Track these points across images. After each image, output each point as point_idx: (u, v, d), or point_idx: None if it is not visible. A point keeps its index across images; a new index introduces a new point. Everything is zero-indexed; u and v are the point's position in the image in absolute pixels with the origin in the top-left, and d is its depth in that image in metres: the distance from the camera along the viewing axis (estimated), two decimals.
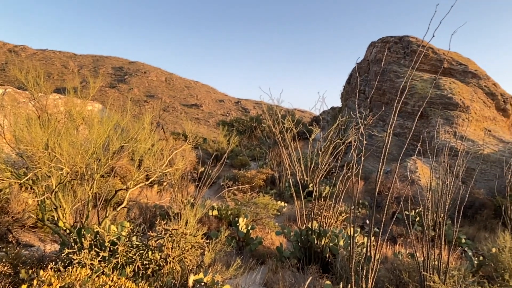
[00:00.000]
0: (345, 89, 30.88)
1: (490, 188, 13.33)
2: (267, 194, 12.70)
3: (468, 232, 10.77)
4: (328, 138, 15.56)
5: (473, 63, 27.74)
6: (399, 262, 5.84)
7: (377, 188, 4.80)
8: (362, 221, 10.92)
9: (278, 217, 11.34)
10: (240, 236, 7.85)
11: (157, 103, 67.38)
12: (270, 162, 17.01)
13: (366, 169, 17.66)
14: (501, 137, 19.90)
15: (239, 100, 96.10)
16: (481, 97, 23.72)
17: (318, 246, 6.59)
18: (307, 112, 72.52)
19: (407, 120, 21.58)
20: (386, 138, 5.02)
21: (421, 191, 12.70)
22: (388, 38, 28.21)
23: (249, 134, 28.24)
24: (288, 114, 18.65)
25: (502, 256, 5.68)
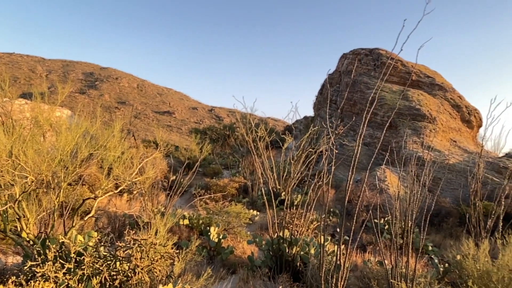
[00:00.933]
0: (318, 99, 31.35)
1: (456, 196, 13.80)
2: (240, 202, 12.66)
3: (434, 239, 11.06)
4: (300, 147, 15.73)
5: (440, 76, 28.79)
6: (368, 270, 5.93)
7: (346, 197, 4.87)
8: (333, 229, 11.04)
9: (250, 226, 11.31)
10: (212, 245, 7.77)
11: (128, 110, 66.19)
12: (243, 170, 16.99)
13: (337, 178, 17.92)
14: (465, 148, 20.68)
15: (213, 108, 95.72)
16: (447, 108, 24.62)
17: (289, 254, 6.61)
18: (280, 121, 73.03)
19: (377, 130, 22.10)
20: (356, 147, 5.11)
21: (390, 200, 13.00)
22: (359, 50, 28.94)
23: (222, 142, 28.16)
24: (261, 122, 18.78)
25: (466, 263, 5.86)
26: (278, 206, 12.89)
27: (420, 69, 27.63)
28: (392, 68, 26.04)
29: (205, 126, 35.97)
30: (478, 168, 11.21)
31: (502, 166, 15.84)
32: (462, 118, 25.16)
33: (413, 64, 27.36)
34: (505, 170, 14.99)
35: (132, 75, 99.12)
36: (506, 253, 5.49)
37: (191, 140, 22.77)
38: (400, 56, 27.29)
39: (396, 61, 26.34)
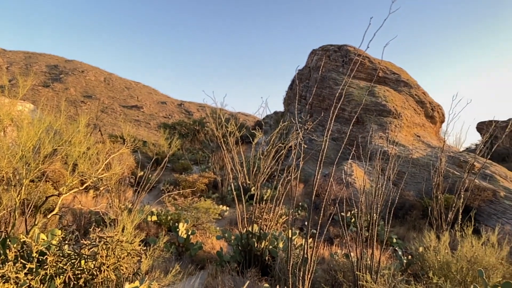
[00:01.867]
0: (288, 94, 31.59)
1: (419, 190, 14.27)
2: (209, 198, 12.62)
3: (399, 232, 11.42)
4: (270, 142, 15.82)
5: (405, 73, 29.63)
6: (335, 263, 6.06)
7: (314, 191, 4.95)
8: (301, 223, 11.19)
9: (219, 221, 11.30)
10: (180, 241, 7.71)
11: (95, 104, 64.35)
12: (213, 166, 16.93)
13: (306, 172, 18.16)
14: (429, 142, 21.42)
15: (182, 103, 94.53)
16: (412, 104, 25.39)
17: (258, 249, 6.65)
18: (251, 116, 73.08)
19: (345, 125, 22.52)
20: (323, 142, 5.19)
21: (357, 193, 13.31)
22: (328, 46, 29.32)
23: (192, 137, 27.91)
24: (231, 117, 18.70)
25: (427, 255, 6.09)
26: (248, 201, 12.94)
27: (387, 66, 28.33)
28: (360, 65, 26.57)
29: (174, 121, 35.53)
30: (440, 162, 11.65)
31: (462, 160, 16.52)
32: (426, 114, 26.04)
33: (379, 61, 28.00)
34: (465, 164, 15.64)
35: (99, 68, 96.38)
36: (464, 244, 5.74)
37: (160, 135, 22.43)
38: (368, 53, 27.86)
39: (364, 58, 26.88)
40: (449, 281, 4.91)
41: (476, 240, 5.91)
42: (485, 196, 12.74)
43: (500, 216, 12.02)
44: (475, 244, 5.67)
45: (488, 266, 5.36)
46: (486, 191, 12.96)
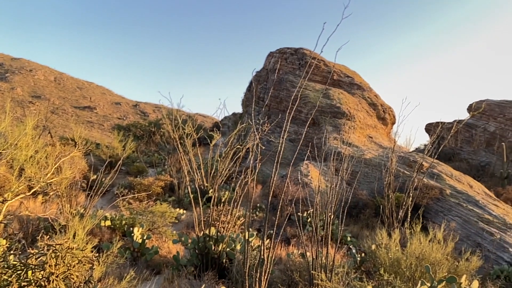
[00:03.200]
0: (246, 96, 31.70)
1: (372, 189, 14.80)
2: (165, 201, 12.39)
3: (353, 230, 11.77)
4: (228, 144, 15.79)
5: (359, 76, 30.64)
6: (291, 263, 6.15)
7: (271, 192, 5.00)
8: (259, 224, 11.26)
9: (176, 225, 11.14)
10: (135, 246, 7.52)
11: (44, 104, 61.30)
12: (169, 168, 16.64)
13: (264, 174, 18.29)
14: (380, 143, 22.27)
15: (138, 103, 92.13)
16: (364, 107, 26.29)
17: (215, 252, 6.62)
18: (209, 117, 72.51)
19: (302, 127, 22.91)
20: (280, 144, 5.26)
21: (313, 193, 13.57)
22: (285, 49, 29.73)
23: (148, 139, 27.29)
24: (189, 119, 18.50)
25: (379, 252, 6.33)
26: (205, 203, 12.84)
27: (341, 69, 29.16)
28: (315, 68, 27.17)
29: (129, 122, 34.58)
30: (391, 162, 12.15)
31: (412, 160, 17.31)
32: (378, 116, 27.05)
33: (334, 64, 28.76)
34: (415, 164, 16.39)
35: (49, 67, 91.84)
36: (413, 241, 6.02)
37: (114, 137, 21.74)
38: (323, 57, 28.55)
39: (319, 61, 27.51)
40: (399, 277, 5.13)
41: (424, 237, 6.22)
42: (433, 194, 13.41)
43: (446, 213, 12.70)
44: (423, 241, 5.96)
45: (435, 261, 5.65)
46: (434, 190, 13.65)
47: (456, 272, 5.88)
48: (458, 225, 11.63)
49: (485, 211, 12.53)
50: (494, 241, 10.48)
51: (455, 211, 12.64)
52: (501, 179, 21.93)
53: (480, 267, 7.60)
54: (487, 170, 26.68)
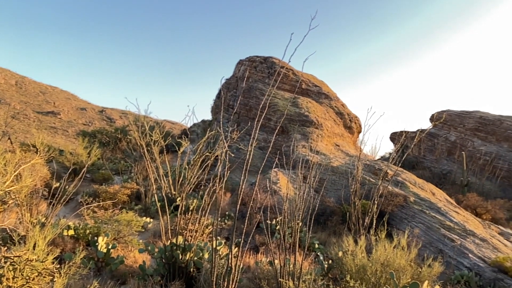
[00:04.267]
0: (215, 103, 31.61)
1: (339, 196, 15.03)
2: (132, 210, 12.10)
3: (320, 237, 11.89)
4: (197, 151, 15.64)
5: (326, 86, 31.24)
6: (259, 271, 6.12)
7: (239, 200, 4.97)
8: (228, 232, 11.17)
9: (143, 233, 10.88)
10: (100, 256, 7.28)
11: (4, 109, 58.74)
12: (136, 176, 16.27)
13: (233, 182, 18.23)
14: (347, 151, 22.72)
15: (104, 109, 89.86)
16: (332, 116, 26.79)
17: (183, 261, 6.51)
18: (177, 124, 71.69)
19: (271, 135, 23.05)
20: (249, 151, 5.26)
21: (282, 201, 13.63)
22: (254, 57, 29.95)
23: (114, 146, 26.63)
24: (157, 125, 18.19)
25: (345, 259, 6.41)
26: (173, 212, 12.64)
27: (309, 79, 29.65)
28: (284, 77, 27.50)
29: (95, 129, 33.66)
30: (357, 170, 12.39)
31: (377, 168, 17.74)
32: (345, 125, 27.63)
33: (302, 73, 29.21)
34: (380, 172, 16.81)
35: (10, 71, 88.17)
36: (378, 248, 6.13)
37: (79, 144, 21.08)
38: (292, 66, 28.94)
39: (288, 70, 27.87)
40: (365, 284, 5.21)
41: (389, 244, 6.35)
42: (397, 201, 13.78)
43: (410, 220, 13.07)
44: (387, 248, 6.09)
45: (399, 268, 5.78)
46: (398, 197, 14.02)
47: (419, 278, 6.03)
48: (421, 232, 11.98)
49: (446, 218, 12.99)
50: (455, 247, 10.86)
51: (419, 218, 13.03)
52: (461, 187, 22.84)
53: (442, 273, 7.86)
54: (449, 178, 27.74)
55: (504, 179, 26.92)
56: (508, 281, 8.84)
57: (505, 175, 26.91)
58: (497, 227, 15.20)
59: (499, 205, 18.48)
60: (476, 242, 11.49)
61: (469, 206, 17.51)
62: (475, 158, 28.62)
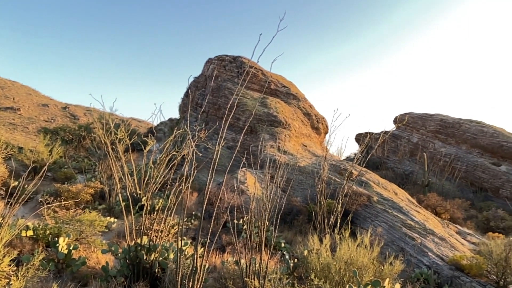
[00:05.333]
0: (184, 101, 31.26)
1: (305, 196, 15.24)
2: (95, 210, 11.77)
3: (287, 236, 12.00)
4: (164, 150, 15.43)
5: (295, 87, 31.58)
6: (225, 271, 6.11)
7: (205, 199, 4.95)
8: (194, 232, 11.08)
9: (106, 234, 10.62)
10: (60, 257, 7.04)
11: None
12: (100, 175, 15.86)
13: (201, 181, 18.11)
14: (314, 152, 23.06)
15: (67, 106, 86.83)
16: (300, 116, 27.11)
17: (148, 261, 6.40)
18: (144, 122, 70.31)
19: (239, 134, 23.07)
20: (216, 151, 5.24)
21: (249, 201, 13.67)
22: (224, 56, 29.87)
23: (77, 144, 25.81)
24: (122, 123, 17.79)
25: (310, 257, 6.51)
26: (138, 211, 12.41)
27: (278, 79, 29.87)
28: (254, 77, 27.57)
29: (57, 126, 32.48)
30: (323, 170, 12.60)
31: (343, 168, 18.12)
32: (312, 125, 28.04)
33: (272, 74, 29.42)
34: (345, 172, 17.17)
35: None
36: (342, 247, 6.27)
37: (40, 141, 20.29)
38: (261, 66, 29.07)
39: (257, 70, 27.97)
40: (329, 282, 5.31)
41: (353, 242, 6.50)
42: (361, 201, 14.12)
43: (374, 219, 13.43)
44: (351, 246, 6.23)
45: (362, 266, 5.93)
46: (362, 196, 14.38)
47: (381, 276, 6.21)
48: (384, 231, 12.34)
49: (408, 217, 13.44)
50: (416, 246, 11.26)
51: (382, 217, 13.41)
52: (422, 187, 23.72)
53: (403, 271, 8.12)
54: (411, 178, 28.72)
55: (462, 180, 28.16)
56: (464, 279, 9.25)
57: (463, 175, 28.16)
58: (455, 226, 15.88)
59: (457, 205, 19.33)
60: (436, 241, 11.96)
61: (430, 206, 18.21)
62: (435, 159, 29.78)
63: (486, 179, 27.27)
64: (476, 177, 27.88)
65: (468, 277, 9.35)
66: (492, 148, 28.92)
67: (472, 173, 28.25)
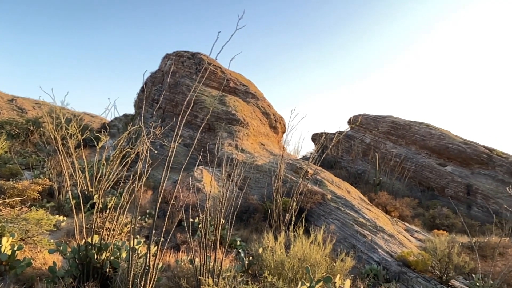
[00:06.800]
0: (139, 97, 30.48)
1: (262, 194, 15.37)
2: (43, 207, 11.25)
3: (243, 234, 12.05)
4: (118, 146, 15.00)
5: (254, 85, 31.71)
6: (179, 269, 6.04)
7: (159, 198, 4.86)
8: (148, 231, 10.87)
9: (55, 233, 10.16)
10: (3, 259, 6.66)
11: None
12: (49, 171, 15.14)
13: (156, 179, 17.76)
14: (272, 150, 23.29)
15: (14, 98, 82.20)
16: (258, 115, 27.27)
17: (98, 261, 6.20)
18: (98, 117, 68.02)
19: (197, 132, 22.81)
20: (171, 148, 5.17)
21: (206, 199, 13.59)
22: (182, 52, 29.42)
23: (24, 138, 24.48)
24: (74, 118, 17.08)
25: (265, 255, 6.59)
26: (89, 209, 11.99)
27: (237, 77, 29.87)
28: (213, 74, 27.40)
29: (3, 119, 30.63)
30: (280, 168, 12.77)
31: (298, 167, 18.44)
32: (270, 124, 28.30)
33: (231, 72, 29.36)
34: (301, 170, 17.49)
35: None
36: (296, 244, 6.39)
37: None
38: (220, 64, 28.94)
39: (216, 68, 27.81)
40: (282, 279, 5.40)
41: (306, 240, 6.65)
42: (316, 199, 14.45)
43: (327, 216, 13.78)
44: (305, 243, 6.37)
45: (315, 262, 6.08)
46: (317, 195, 14.71)
47: (332, 272, 6.40)
48: (337, 228, 12.70)
49: (360, 215, 13.92)
50: (366, 243, 11.68)
51: (335, 215, 13.79)
52: (374, 186, 24.64)
53: (354, 267, 8.40)
54: (363, 177, 29.77)
55: (411, 179, 29.56)
56: (411, 274, 9.71)
57: (412, 175, 29.58)
58: (404, 224, 16.65)
59: (406, 203, 20.27)
60: (385, 237, 12.47)
61: (380, 204, 18.96)
62: (386, 160, 31.05)
63: (433, 178, 28.79)
64: (424, 177, 29.37)
65: (414, 272, 9.83)
66: (439, 150, 30.58)
67: (420, 173, 29.73)
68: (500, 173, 27.99)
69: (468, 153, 29.27)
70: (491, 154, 29.42)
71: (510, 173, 27.69)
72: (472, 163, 29.09)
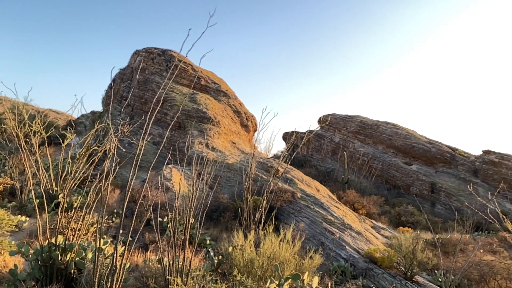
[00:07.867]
0: (107, 93, 29.75)
1: (233, 193, 15.36)
2: (4, 207, 10.81)
3: (213, 233, 12.01)
4: (85, 144, 14.61)
5: (225, 84, 31.60)
6: (147, 269, 5.96)
7: (127, 197, 4.77)
8: (116, 231, 10.64)
9: (17, 234, 9.79)
10: None
11: None
12: (11, 170, 14.55)
13: (124, 178, 17.42)
14: (243, 149, 23.30)
15: None
16: (229, 113, 27.21)
17: (63, 262, 6.01)
18: (64, 114, 65.87)
19: (167, 130, 22.53)
20: (140, 146, 5.08)
21: (175, 198, 13.44)
22: (152, 49, 28.93)
23: None
24: (38, 114, 16.49)
25: (235, 253, 6.59)
26: (53, 209, 11.62)
27: (208, 75, 29.68)
28: (183, 71, 27.11)
29: None
30: (251, 167, 12.80)
31: (269, 165, 18.54)
32: (241, 123, 28.30)
33: (202, 69, 29.15)
34: (272, 169, 17.60)
35: None
36: (266, 242, 6.43)
37: None
38: (191, 61, 28.68)
39: (187, 65, 27.54)
40: (252, 277, 5.42)
41: (276, 238, 6.70)
42: (286, 197, 14.59)
43: (297, 214, 13.95)
44: (274, 241, 6.42)
45: (284, 260, 6.14)
46: (287, 193, 14.85)
47: (301, 270, 6.48)
48: (306, 226, 12.87)
49: (328, 213, 14.16)
50: (334, 240, 11.90)
51: (304, 213, 13.97)
52: (342, 184, 25.14)
53: (322, 264, 8.55)
54: (332, 175, 30.32)
55: (378, 178, 30.35)
56: (377, 271, 9.97)
57: (379, 174, 30.37)
58: (371, 221, 17.07)
59: (373, 201, 20.80)
60: (353, 235, 12.74)
61: (348, 202, 19.35)
62: (355, 158, 31.74)
63: (399, 177, 29.68)
64: (391, 175, 30.23)
65: (380, 269, 10.10)
66: (405, 149, 31.54)
67: (387, 171, 30.58)
68: (462, 171, 29.20)
69: (433, 152, 30.36)
70: (453, 153, 30.65)
71: (471, 171, 28.94)
72: (436, 162, 30.20)
